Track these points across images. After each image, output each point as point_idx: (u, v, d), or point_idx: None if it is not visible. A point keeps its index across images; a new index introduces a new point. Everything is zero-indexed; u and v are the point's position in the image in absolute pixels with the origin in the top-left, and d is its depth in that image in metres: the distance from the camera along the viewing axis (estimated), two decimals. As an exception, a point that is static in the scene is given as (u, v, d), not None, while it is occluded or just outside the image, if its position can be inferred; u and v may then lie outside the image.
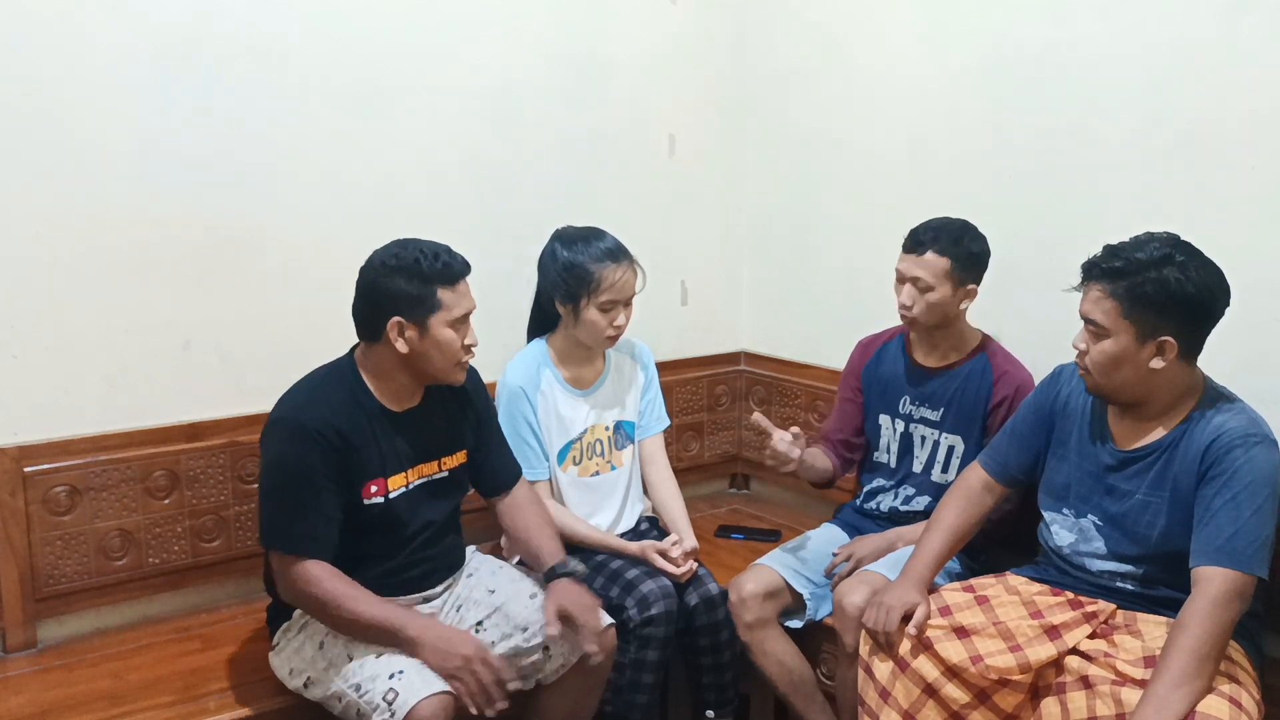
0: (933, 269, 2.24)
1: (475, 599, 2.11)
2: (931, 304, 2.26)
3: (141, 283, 2.27)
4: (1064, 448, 2.01)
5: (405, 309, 1.90)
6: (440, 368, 1.97)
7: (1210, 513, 1.75)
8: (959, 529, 2.09)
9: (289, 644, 2.00)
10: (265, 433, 1.95)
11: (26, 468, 2.17)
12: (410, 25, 2.53)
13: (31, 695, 2.03)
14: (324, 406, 1.91)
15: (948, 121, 2.64)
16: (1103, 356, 1.83)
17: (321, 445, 1.88)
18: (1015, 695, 1.87)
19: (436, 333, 1.92)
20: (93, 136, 2.18)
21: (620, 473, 2.50)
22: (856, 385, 2.54)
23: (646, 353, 2.59)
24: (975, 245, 2.28)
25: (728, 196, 3.18)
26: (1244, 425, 1.79)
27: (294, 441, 1.89)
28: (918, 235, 2.27)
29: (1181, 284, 1.74)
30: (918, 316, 2.29)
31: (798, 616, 2.36)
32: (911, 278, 2.26)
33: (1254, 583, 1.72)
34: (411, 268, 1.90)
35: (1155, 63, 2.24)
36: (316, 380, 1.98)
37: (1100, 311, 1.81)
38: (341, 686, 1.87)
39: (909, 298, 2.28)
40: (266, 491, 1.94)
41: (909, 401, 2.43)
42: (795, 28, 3.00)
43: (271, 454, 1.92)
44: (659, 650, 2.22)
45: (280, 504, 1.90)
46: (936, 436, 2.39)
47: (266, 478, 1.94)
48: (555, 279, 2.32)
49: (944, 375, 2.39)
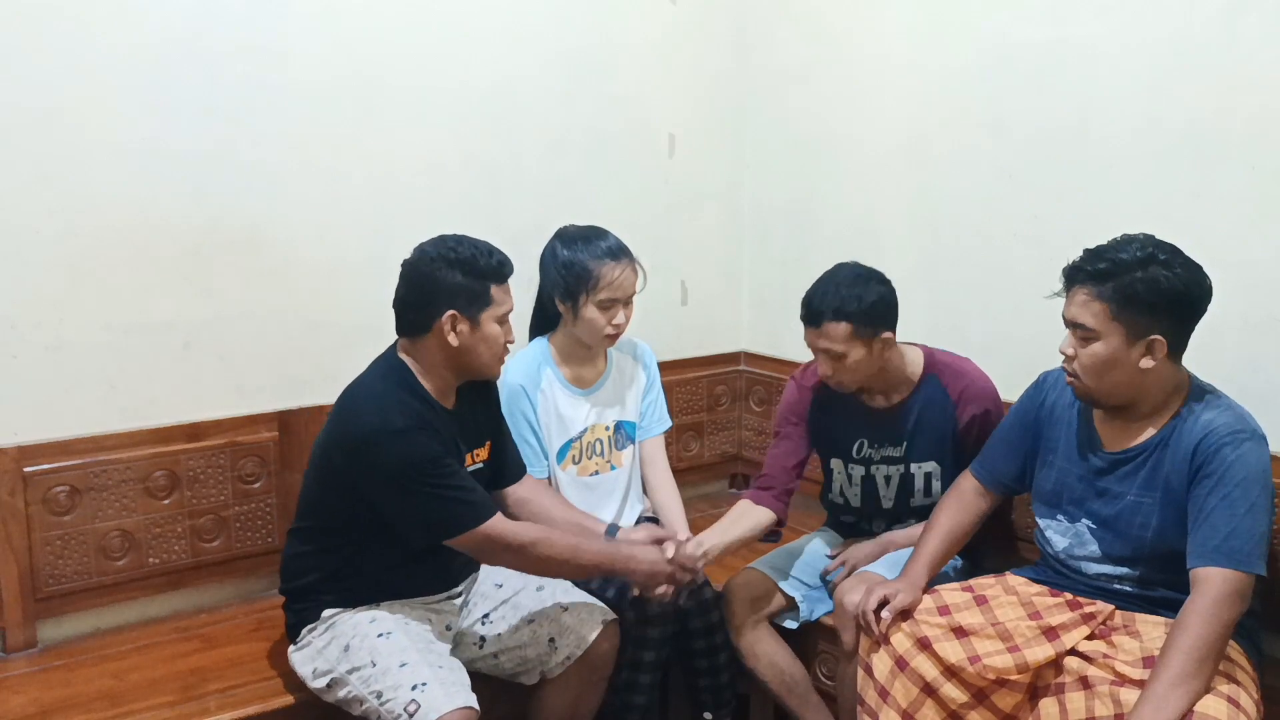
0: (836, 337, 2.13)
1: (483, 592, 2.14)
2: (851, 367, 2.17)
3: (141, 283, 2.27)
4: (1052, 454, 2.01)
5: (460, 303, 1.93)
6: (485, 362, 2.00)
7: (1205, 513, 1.75)
8: (954, 531, 2.10)
9: (314, 643, 2.00)
10: (363, 452, 1.88)
11: (26, 468, 2.17)
12: (410, 25, 2.53)
13: (31, 695, 2.04)
14: (401, 407, 1.91)
15: (948, 120, 2.64)
16: (1093, 360, 1.82)
17: (429, 435, 1.90)
18: (1013, 695, 1.87)
19: (486, 328, 1.96)
20: (93, 136, 2.18)
21: (620, 473, 2.49)
22: (797, 424, 2.38)
23: (648, 353, 2.58)
24: (870, 295, 2.13)
25: (728, 196, 3.18)
26: (1232, 422, 1.79)
27: (411, 444, 1.88)
28: (811, 305, 2.16)
29: (1171, 281, 1.75)
30: (844, 381, 2.21)
31: (792, 617, 2.36)
32: (821, 350, 2.18)
33: (1253, 581, 1.72)
34: (469, 262, 1.93)
35: (1155, 62, 2.24)
36: (378, 388, 1.95)
37: (1089, 314, 1.80)
38: (363, 691, 1.87)
39: (827, 367, 2.19)
40: (415, 498, 1.89)
41: (866, 445, 2.33)
42: (795, 27, 3.00)
43: (392, 463, 1.87)
44: (656, 651, 2.22)
45: (438, 498, 1.90)
46: (903, 470, 2.32)
47: (408, 483, 1.88)
48: (555, 277, 2.32)
49: (898, 411, 2.29)
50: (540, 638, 2.06)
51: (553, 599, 2.10)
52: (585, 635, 2.06)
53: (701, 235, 3.15)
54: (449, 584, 2.10)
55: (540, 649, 2.07)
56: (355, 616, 1.97)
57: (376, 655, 1.88)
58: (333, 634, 1.97)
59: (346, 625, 1.96)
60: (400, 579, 2.01)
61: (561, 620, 2.07)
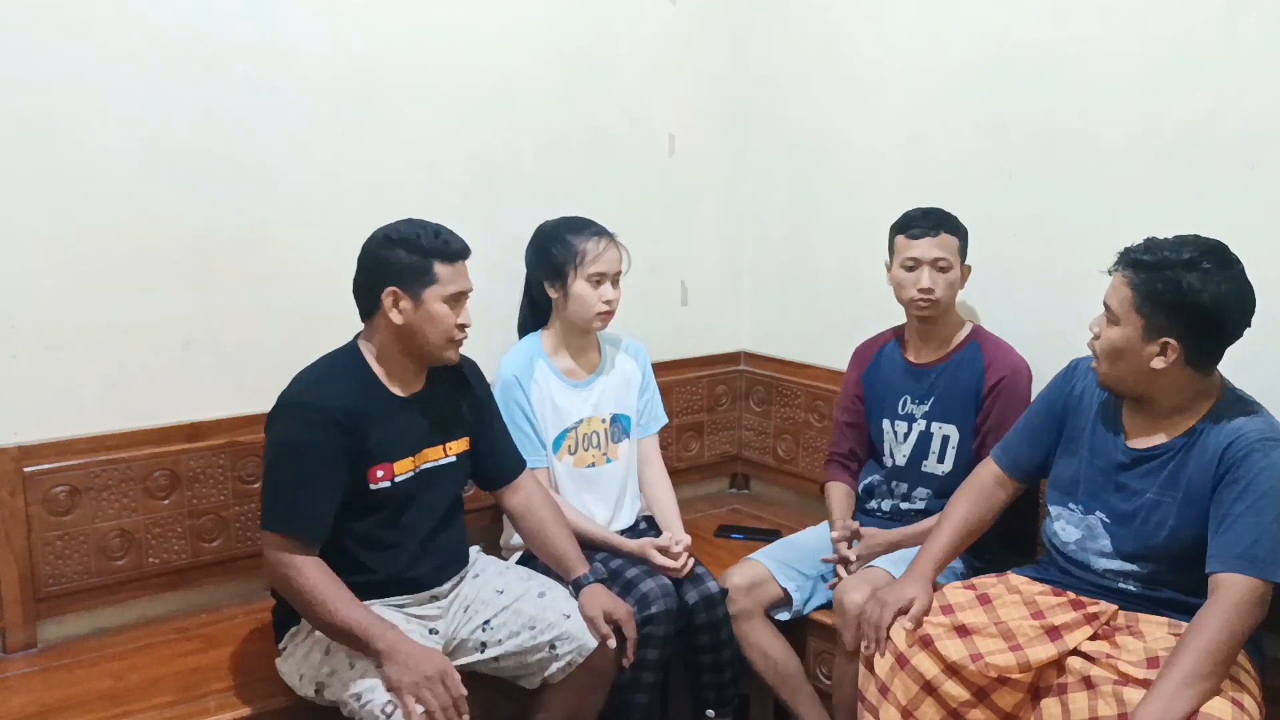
0: (949, 247, 2.31)
1: (483, 599, 2.12)
2: (951, 283, 2.32)
3: (141, 282, 2.27)
4: (1076, 442, 2.00)
5: (401, 279, 1.94)
6: (434, 343, 1.99)
7: (1230, 518, 1.74)
8: (969, 524, 2.09)
9: (296, 650, 2.00)
10: (271, 417, 1.95)
11: (26, 468, 2.17)
12: (410, 25, 2.53)
13: (31, 695, 2.03)
14: (332, 389, 1.93)
15: (947, 120, 2.64)
16: (1107, 343, 1.83)
17: (328, 427, 1.89)
18: (1014, 694, 1.87)
19: (430, 306, 1.95)
20: (93, 136, 2.18)
21: (616, 466, 2.50)
22: (857, 394, 2.55)
23: (643, 351, 2.59)
24: (963, 225, 2.36)
25: (728, 196, 3.18)
26: (1262, 429, 1.78)
27: (300, 423, 1.90)
28: (931, 217, 2.33)
29: (1195, 291, 1.73)
30: (941, 297, 2.32)
31: (786, 609, 2.38)
32: (932, 259, 2.30)
33: (1271, 589, 1.71)
34: (411, 241, 1.95)
35: (1155, 62, 2.24)
36: (323, 365, 2.00)
37: (1117, 299, 1.82)
38: (343, 694, 1.87)
39: (930, 280, 2.31)
40: (267, 472, 1.95)
41: (909, 401, 2.44)
42: (795, 27, 3.00)
43: (275, 435, 1.93)
44: (658, 649, 2.22)
45: (279, 483, 1.91)
46: (924, 427, 2.41)
47: (268, 459, 1.95)
48: (541, 261, 2.37)
49: (937, 368, 2.41)
50: (542, 644, 2.05)
51: (554, 605, 2.09)
52: (586, 642, 2.06)
53: (701, 235, 3.15)
54: (430, 584, 2.08)
55: (542, 655, 2.06)
56: None
57: (354, 657, 1.88)
58: (314, 638, 1.97)
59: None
60: (378, 580, 1.98)
61: (563, 627, 2.06)
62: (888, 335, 2.54)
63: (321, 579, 1.86)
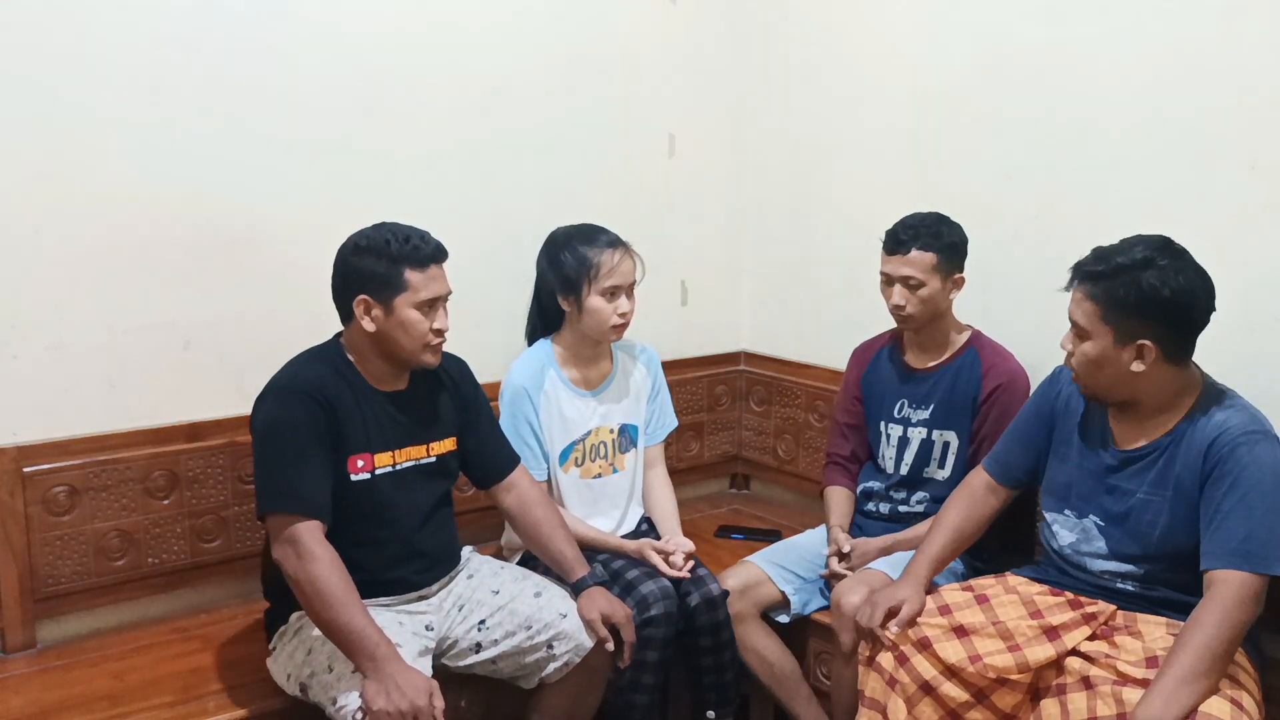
0: (919, 265, 2.26)
1: (479, 599, 2.11)
2: (924, 299, 2.29)
3: (141, 283, 2.27)
4: (1065, 448, 2.01)
5: (370, 287, 1.93)
6: (408, 349, 1.98)
7: (1221, 515, 1.75)
8: (962, 529, 2.09)
9: (284, 649, 2.00)
10: (253, 409, 1.96)
11: (26, 468, 2.17)
12: (410, 25, 2.53)
13: (31, 696, 2.03)
14: (310, 373, 1.94)
15: (948, 120, 2.64)
16: (1084, 359, 1.84)
17: (309, 404, 1.89)
18: (1013, 695, 1.87)
19: (401, 313, 1.94)
20: (93, 136, 2.18)
21: (623, 476, 2.49)
22: (857, 396, 2.54)
23: (654, 357, 2.58)
24: (953, 235, 2.30)
25: (728, 196, 3.18)
26: (1245, 422, 1.78)
27: (281, 404, 1.90)
28: (898, 235, 2.29)
29: (1156, 289, 1.74)
30: (913, 314, 2.31)
31: (784, 612, 2.37)
32: (900, 277, 2.28)
33: (1267, 583, 1.71)
34: (381, 248, 1.93)
35: (1155, 62, 2.23)
36: (302, 358, 2.01)
37: (1081, 314, 1.82)
38: (322, 697, 1.86)
39: (901, 297, 2.30)
40: (258, 459, 1.94)
41: (906, 405, 2.44)
42: (795, 27, 3.00)
43: (259, 420, 1.93)
44: (658, 651, 2.22)
45: (270, 464, 1.90)
46: (925, 434, 2.40)
47: (256, 446, 1.94)
48: (555, 273, 2.33)
49: (935, 374, 2.40)
50: (539, 644, 2.05)
51: (550, 605, 2.08)
52: (583, 641, 2.06)
53: (701, 235, 3.15)
54: (417, 585, 2.07)
55: (539, 655, 2.06)
56: None
57: (334, 660, 1.86)
58: (299, 638, 1.96)
59: (312, 629, 1.93)
60: (364, 579, 1.93)
61: (560, 627, 2.06)
62: (885, 338, 2.54)
63: (333, 576, 1.83)
